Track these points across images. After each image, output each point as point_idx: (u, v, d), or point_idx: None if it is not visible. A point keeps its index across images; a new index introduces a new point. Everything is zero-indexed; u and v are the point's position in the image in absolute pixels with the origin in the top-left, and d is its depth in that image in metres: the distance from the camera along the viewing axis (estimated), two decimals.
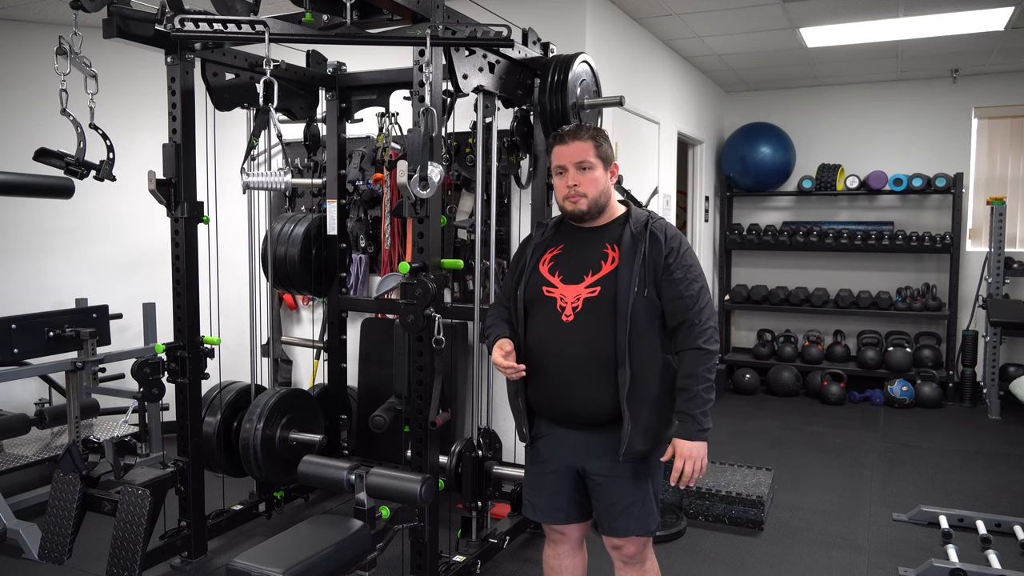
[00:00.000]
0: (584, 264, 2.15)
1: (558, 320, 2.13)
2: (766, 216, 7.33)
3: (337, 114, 3.89)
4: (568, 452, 2.20)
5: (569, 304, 2.12)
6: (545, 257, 2.23)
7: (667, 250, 2.11)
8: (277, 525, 3.62)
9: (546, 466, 2.25)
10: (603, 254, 2.14)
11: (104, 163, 2.85)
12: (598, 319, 2.08)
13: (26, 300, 4.54)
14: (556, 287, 2.16)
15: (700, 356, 2.07)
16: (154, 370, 3.16)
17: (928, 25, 4.99)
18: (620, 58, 4.58)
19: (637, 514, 2.16)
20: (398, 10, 2.52)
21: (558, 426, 2.21)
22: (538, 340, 2.18)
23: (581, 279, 2.13)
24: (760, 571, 3.28)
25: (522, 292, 2.22)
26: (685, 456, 2.07)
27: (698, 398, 2.06)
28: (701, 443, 2.08)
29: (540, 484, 2.27)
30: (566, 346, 2.12)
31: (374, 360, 4.25)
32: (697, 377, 2.06)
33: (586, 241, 2.20)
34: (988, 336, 5.89)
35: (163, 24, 2.74)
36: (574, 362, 2.11)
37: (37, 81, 4.67)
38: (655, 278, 2.10)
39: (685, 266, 2.11)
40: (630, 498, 2.15)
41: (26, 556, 3.21)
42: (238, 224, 4.01)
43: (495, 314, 2.34)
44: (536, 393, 2.22)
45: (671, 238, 2.14)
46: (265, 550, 1.98)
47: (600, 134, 2.20)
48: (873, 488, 4.29)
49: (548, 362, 2.15)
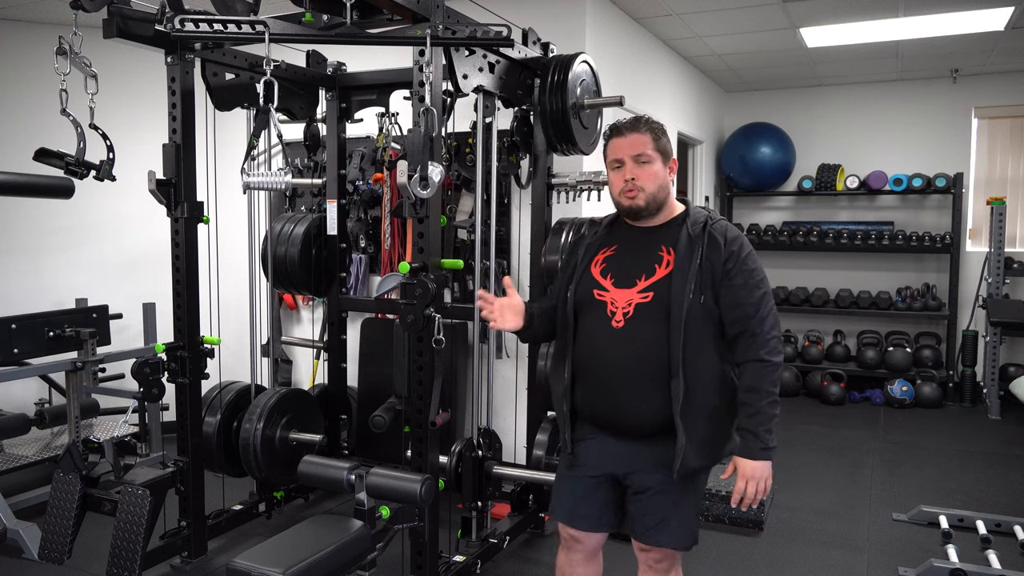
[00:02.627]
0: (637, 267, 2.04)
1: (608, 326, 2.02)
2: (766, 216, 7.33)
3: (337, 114, 3.89)
4: (610, 460, 2.10)
5: (620, 310, 2.01)
6: (597, 258, 2.12)
7: (727, 254, 1.98)
8: (277, 525, 3.62)
9: (584, 470, 2.15)
10: (658, 257, 2.02)
11: (104, 163, 2.85)
12: (650, 326, 1.97)
13: (26, 300, 4.53)
14: (607, 291, 2.05)
15: (763, 369, 1.95)
16: (154, 370, 3.16)
17: (928, 25, 4.99)
18: (620, 58, 4.58)
19: (673, 528, 2.06)
20: (398, 10, 2.52)
21: (604, 434, 2.11)
22: (587, 346, 2.08)
23: (634, 283, 2.02)
24: (760, 571, 3.28)
25: (572, 295, 2.11)
26: (747, 476, 1.96)
27: (761, 414, 1.95)
28: (765, 463, 1.97)
29: (574, 488, 2.17)
30: (615, 354, 2.01)
31: (374, 360, 4.25)
32: (760, 392, 1.95)
33: (641, 242, 2.09)
34: (988, 336, 5.89)
35: (163, 24, 2.74)
36: (623, 371, 2.00)
37: (37, 81, 4.67)
38: (713, 284, 1.97)
39: (747, 271, 1.98)
40: (671, 511, 2.05)
41: (26, 556, 3.21)
42: (238, 224, 4.01)
43: (535, 302, 2.29)
44: (583, 399, 2.12)
45: (731, 241, 2.01)
46: (265, 550, 1.98)
47: (660, 127, 2.09)
48: (873, 488, 4.29)
49: (596, 369, 2.06)
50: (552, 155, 3.56)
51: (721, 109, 7.21)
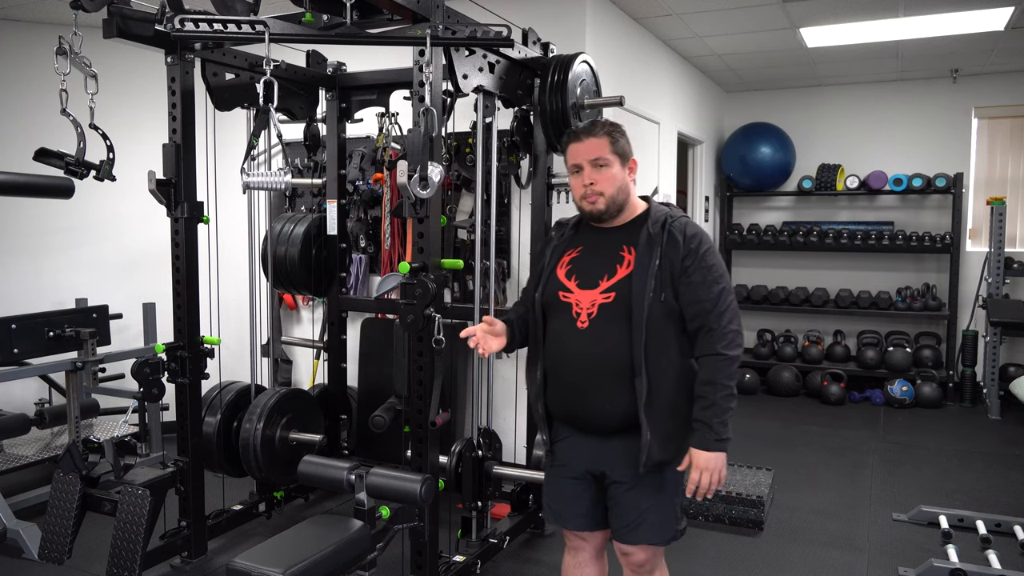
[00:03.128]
0: (600, 268, 2.08)
1: (573, 327, 2.07)
2: (766, 216, 7.33)
3: (337, 114, 3.89)
4: (586, 457, 2.15)
5: (584, 311, 2.05)
6: (563, 260, 2.16)
7: (685, 251, 2.02)
8: (277, 525, 3.62)
9: (565, 470, 2.20)
10: (619, 257, 2.06)
11: (104, 163, 2.85)
12: (614, 326, 2.01)
13: (26, 300, 4.53)
14: (572, 292, 2.09)
15: (719, 362, 1.98)
16: (154, 370, 3.16)
17: (928, 25, 4.99)
18: (620, 58, 4.58)
19: (651, 522, 2.10)
20: (398, 10, 2.52)
21: (577, 432, 2.16)
22: (555, 347, 2.13)
23: (596, 284, 2.06)
24: (760, 571, 3.28)
25: (540, 296, 2.16)
26: (702, 467, 1.99)
27: (716, 406, 1.97)
28: (718, 454, 1.99)
29: (560, 489, 2.22)
30: (581, 354, 2.06)
31: (374, 360, 4.25)
32: (716, 384, 1.98)
33: (603, 243, 2.13)
34: (988, 336, 5.89)
35: (163, 24, 2.74)
36: (589, 370, 2.05)
37: (37, 81, 4.67)
38: (672, 281, 2.01)
39: (705, 267, 2.01)
40: (645, 506, 2.09)
41: (26, 556, 3.21)
42: (238, 224, 4.01)
43: (512, 309, 2.31)
44: (554, 399, 2.17)
45: (690, 237, 2.04)
46: (265, 550, 1.98)
47: (617, 129, 2.13)
48: (873, 488, 4.29)
49: (564, 369, 2.11)
50: (552, 155, 3.56)
51: (721, 109, 7.21)
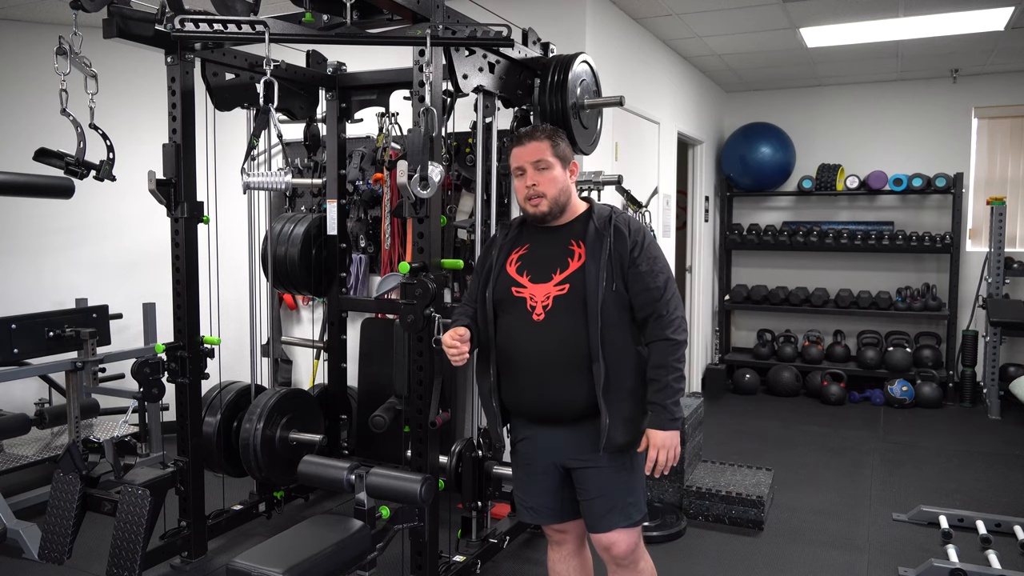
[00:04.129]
0: (552, 263, 2.16)
1: (529, 320, 2.13)
2: (766, 216, 7.33)
3: (337, 114, 3.89)
4: (550, 450, 2.21)
5: (539, 303, 2.13)
6: (512, 257, 2.22)
7: (632, 243, 2.12)
8: (277, 525, 3.62)
9: (532, 467, 2.25)
10: (569, 251, 2.15)
11: (104, 163, 2.86)
12: (569, 316, 2.09)
13: (26, 300, 4.54)
14: (525, 287, 2.16)
15: (669, 346, 2.09)
16: (154, 370, 3.16)
17: (928, 25, 4.99)
18: (620, 58, 4.58)
19: (620, 506, 2.17)
20: (398, 10, 2.52)
21: (537, 426, 2.22)
22: (510, 341, 2.18)
23: (550, 277, 2.14)
24: (760, 571, 3.28)
25: (490, 293, 2.21)
26: (658, 446, 2.10)
27: (668, 388, 2.08)
28: (673, 432, 2.10)
29: (530, 486, 2.28)
30: (539, 345, 2.12)
31: (374, 360, 4.25)
32: (667, 367, 2.08)
33: (551, 240, 2.20)
34: (988, 336, 5.89)
35: (163, 24, 2.74)
36: (548, 361, 2.12)
37: (37, 81, 4.67)
38: (622, 271, 2.11)
39: (650, 258, 2.13)
40: (612, 489, 2.16)
41: (26, 556, 3.21)
42: (238, 224, 4.01)
43: (459, 311, 2.34)
44: (510, 394, 2.23)
45: (635, 231, 2.16)
46: (265, 550, 1.99)
47: (557, 133, 2.21)
48: (873, 488, 4.29)
49: (521, 362, 2.16)
50: None
51: (721, 109, 7.21)
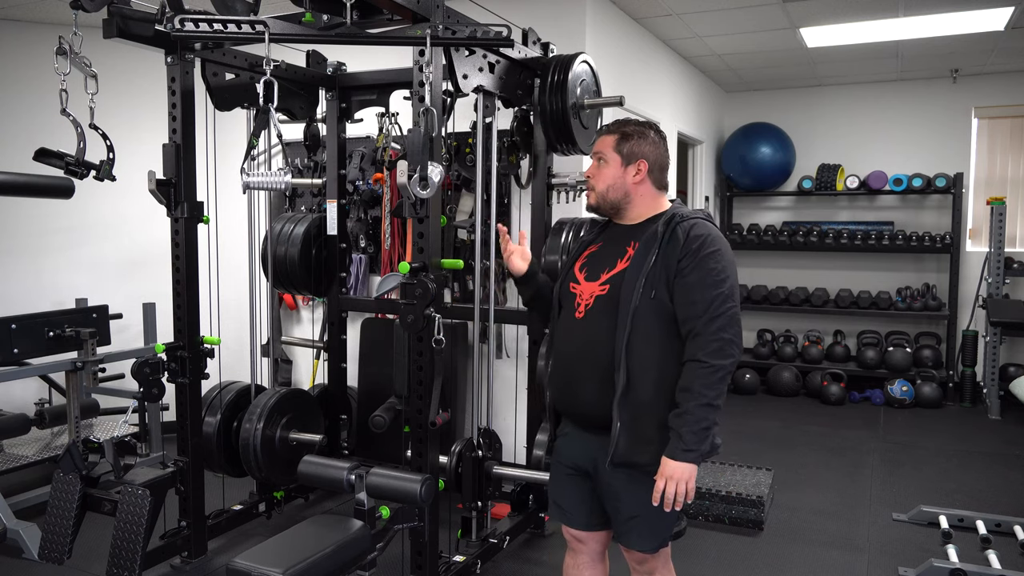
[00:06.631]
0: (606, 261, 2.08)
1: (572, 316, 2.08)
2: (766, 216, 7.33)
3: (337, 114, 3.89)
4: (578, 452, 2.13)
5: (584, 301, 2.06)
6: (584, 254, 2.18)
7: (683, 252, 1.93)
8: (277, 525, 3.62)
9: (562, 465, 2.20)
10: (623, 251, 2.05)
11: (104, 163, 2.85)
12: (604, 318, 1.99)
13: (26, 300, 4.53)
14: (580, 284, 2.11)
15: (699, 368, 1.88)
16: (154, 370, 3.16)
17: (928, 25, 4.99)
18: (620, 58, 4.58)
19: (639, 531, 2.04)
20: (398, 10, 2.52)
21: (573, 424, 2.16)
22: (558, 336, 2.15)
23: (599, 276, 2.06)
24: (760, 571, 3.28)
25: (558, 288, 2.19)
26: (666, 476, 1.88)
27: (689, 415, 1.86)
28: (686, 465, 1.86)
29: (559, 484, 2.21)
30: (574, 344, 2.07)
31: (374, 360, 4.25)
32: (692, 392, 1.87)
33: (617, 238, 2.12)
34: (988, 336, 5.89)
35: (163, 24, 2.74)
36: (580, 361, 2.05)
37: (37, 81, 4.67)
38: (667, 280, 1.94)
39: (704, 269, 1.91)
40: (634, 510, 2.02)
41: (26, 556, 3.20)
42: (238, 224, 4.01)
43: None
44: (552, 388, 2.19)
45: (693, 239, 1.94)
46: (265, 550, 1.99)
47: (633, 130, 2.09)
48: (873, 488, 4.29)
49: (560, 358, 2.12)
50: (552, 155, 3.56)
51: (721, 109, 7.21)
